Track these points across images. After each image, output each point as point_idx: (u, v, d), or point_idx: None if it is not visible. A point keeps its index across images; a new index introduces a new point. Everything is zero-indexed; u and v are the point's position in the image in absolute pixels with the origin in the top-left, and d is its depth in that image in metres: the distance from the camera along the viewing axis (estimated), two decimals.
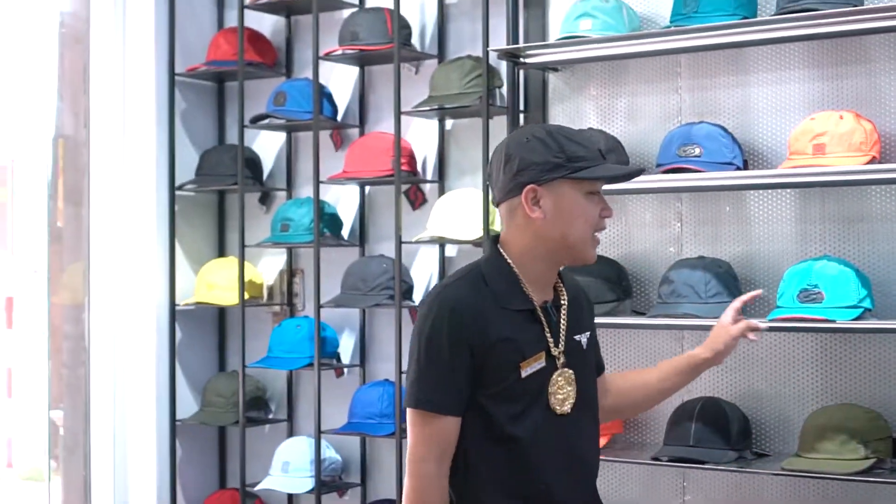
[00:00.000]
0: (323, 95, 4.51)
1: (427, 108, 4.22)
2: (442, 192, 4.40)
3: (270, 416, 4.82)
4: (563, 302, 2.55)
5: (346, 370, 4.64)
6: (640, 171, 2.61)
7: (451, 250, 4.42)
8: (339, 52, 4.40)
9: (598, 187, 2.49)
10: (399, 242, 4.22)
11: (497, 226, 3.99)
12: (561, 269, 2.57)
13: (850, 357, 3.67)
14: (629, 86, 4.07)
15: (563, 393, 2.49)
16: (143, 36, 4.73)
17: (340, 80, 4.69)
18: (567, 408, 2.49)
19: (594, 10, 3.85)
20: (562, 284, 2.58)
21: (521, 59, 3.99)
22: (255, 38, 4.72)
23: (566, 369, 2.49)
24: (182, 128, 4.83)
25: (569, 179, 2.44)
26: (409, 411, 2.45)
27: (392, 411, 4.24)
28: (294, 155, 4.80)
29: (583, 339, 2.58)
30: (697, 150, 3.66)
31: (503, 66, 4.10)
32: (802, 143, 3.50)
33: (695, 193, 3.93)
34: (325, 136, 4.67)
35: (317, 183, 4.39)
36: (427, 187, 4.50)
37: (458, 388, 2.41)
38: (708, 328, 3.04)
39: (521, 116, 4.20)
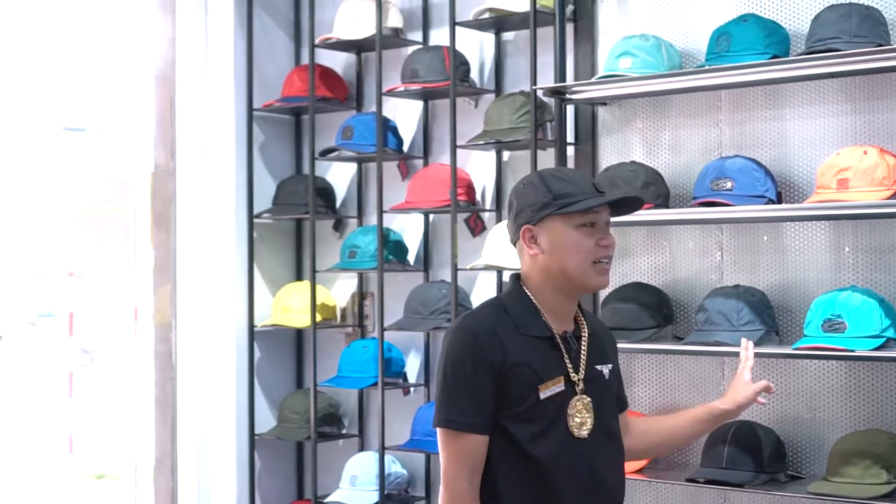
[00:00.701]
0: (388, 129, 4.77)
1: (481, 143, 4.44)
2: (499, 220, 4.61)
3: (344, 432, 5.09)
4: (583, 333, 2.73)
5: (412, 389, 4.89)
6: (620, 199, 2.71)
7: (508, 276, 4.62)
8: (401, 88, 4.65)
9: (589, 220, 2.65)
10: (455, 269, 4.45)
11: None
12: (580, 303, 2.77)
13: (878, 384, 3.78)
14: (672, 119, 4.23)
15: (580, 417, 2.65)
16: (224, 74, 5.05)
17: (406, 114, 4.94)
18: (584, 432, 2.66)
19: (634, 49, 4.02)
20: (583, 318, 2.76)
21: (567, 96, 4.18)
22: (327, 74, 5.00)
23: (584, 396, 2.66)
24: (261, 159, 5.14)
25: (558, 215, 2.63)
26: (438, 431, 2.65)
27: None
28: (364, 185, 5.07)
29: (604, 369, 2.75)
30: (729, 184, 3.81)
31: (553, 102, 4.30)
32: (827, 177, 3.62)
33: (735, 224, 4.08)
34: (392, 166, 4.93)
35: (380, 212, 4.65)
36: (486, 216, 4.72)
37: (483, 407, 2.60)
38: (757, 356, 3.12)
39: (573, 148, 4.40)
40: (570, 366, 2.67)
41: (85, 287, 11.11)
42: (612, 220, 2.75)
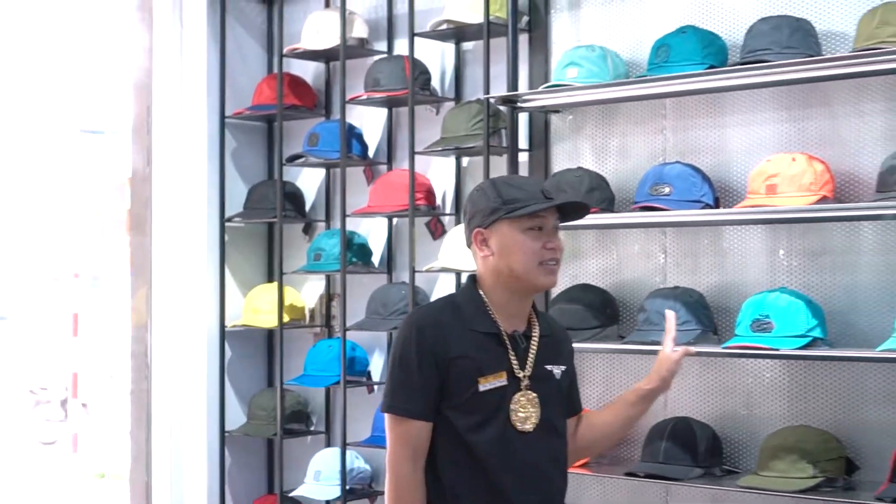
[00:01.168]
0: (352, 136, 4.94)
1: (439, 149, 4.60)
2: (458, 223, 4.77)
3: (312, 429, 5.26)
4: (534, 333, 2.86)
5: (375, 387, 5.04)
6: (565, 203, 2.86)
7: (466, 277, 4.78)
8: (364, 97, 4.82)
9: (537, 224, 2.79)
10: (412, 271, 4.62)
11: None
12: (536, 306, 2.89)
13: (809, 382, 3.92)
14: (620, 126, 4.39)
15: (524, 412, 2.78)
16: (197, 83, 5.23)
17: (372, 121, 5.11)
18: (529, 426, 2.79)
19: (580, 59, 4.18)
20: (536, 319, 2.89)
21: (519, 104, 4.34)
22: (296, 83, 5.17)
23: (529, 392, 2.80)
24: (233, 164, 5.31)
25: (507, 219, 2.78)
26: (385, 416, 2.80)
27: None
28: (332, 190, 5.24)
29: (556, 370, 2.88)
30: (667, 189, 3.96)
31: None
32: (758, 183, 3.77)
33: (678, 228, 4.23)
34: (358, 172, 5.10)
35: (343, 216, 4.82)
36: (446, 219, 4.88)
37: (426, 395, 2.76)
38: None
39: (527, 154, 4.57)
40: (515, 362, 2.80)
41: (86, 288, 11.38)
42: (564, 224, 2.87)
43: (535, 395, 2.80)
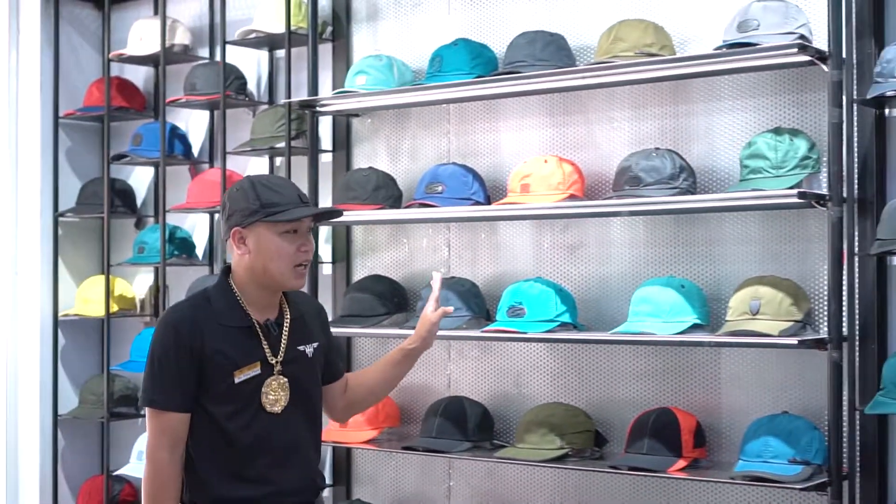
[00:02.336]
0: (175, 136, 5.27)
1: (248, 149, 4.94)
2: None
3: (142, 413, 5.57)
4: (285, 319, 3.03)
5: None
6: (322, 212, 3.19)
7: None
8: (183, 99, 5.15)
9: (292, 227, 2.93)
10: (224, 263, 4.93)
11: None
12: (286, 290, 3.02)
13: (570, 363, 4.33)
14: (411, 130, 4.76)
15: (274, 395, 2.97)
16: (31, 85, 5.54)
17: (196, 123, 5.44)
18: (278, 408, 2.97)
19: (368, 68, 4.54)
20: (286, 304, 3.05)
21: (318, 108, 4.70)
22: (125, 86, 5.49)
23: (281, 376, 2.97)
24: (67, 162, 5.62)
25: (264, 222, 2.93)
26: (146, 410, 2.97)
27: None
28: (161, 186, 5.55)
29: (308, 349, 3.05)
30: (440, 188, 4.34)
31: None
32: (514, 183, 4.16)
33: (460, 223, 4.61)
34: (185, 171, 5.42)
35: (163, 212, 5.15)
36: None
37: (183, 388, 2.91)
38: (454, 338, 4.11)
39: (330, 155, 4.92)
40: (268, 351, 2.96)
41: None
42: (360, 219, 3.18)
43: (285, 379, 2.97)
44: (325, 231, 4.95)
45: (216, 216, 5.35)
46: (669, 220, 4.14)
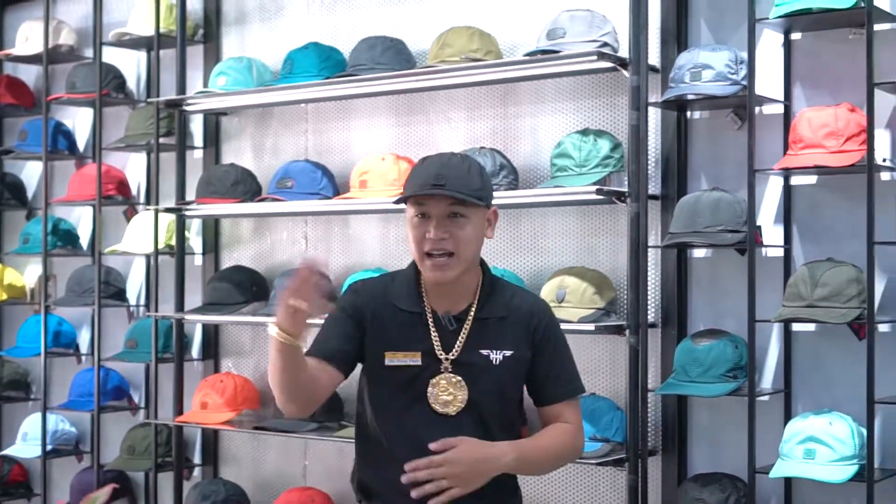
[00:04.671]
0: (60, 132, 5.52)
1: (122, 145, 5.20)
2: None
3: (32, 396, 5.82)
4: (470, 315, 2.69)
5: (83, 358, 5.62)
6: (426, 194, 2.63)
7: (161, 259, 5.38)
8: (64, 97, 5.40)
9: (420, 211, 2.63)
10: (98, 255, 5.21)
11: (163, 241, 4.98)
12: (490, 286, 2.72)
13: None
14: (274, 128, 5.02)
15: (447, 395, 2.64)
16: None
17: (82, 120, 5.69)
18: (451, 410, 2.64)
19: (228, 69, 4.80)
20: (480, 300, 2.70)
21: (184, 107, 4.95)
22: (14, 84, 5.75)
23: (452, 375, 2.64)
24: None
25: (406, 204, 2.67)
26: None
27: (101, 391, 5.21)
28: (44, 180, 5.79)
29: (494, 355, 2.68)
30: (290, 183, 4.60)
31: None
32: (355, 179, 4.43)
33: (316, 217, 4.87)
34: (71, 164, 5.67)
35: (45, 204, 5.41)
36: (140, 208, 5.46)
37: (332, 340, 2.64)
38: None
39: (202, 152, 5.18)
40: (437, 344, 2.66)
41: None
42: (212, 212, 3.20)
43: (458, 378, 2.65)
44: (196, 224, 5.21)
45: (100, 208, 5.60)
46: (501, 214, 4.40)
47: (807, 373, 3.84)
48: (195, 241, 5.20)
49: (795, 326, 3.83)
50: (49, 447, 5.42)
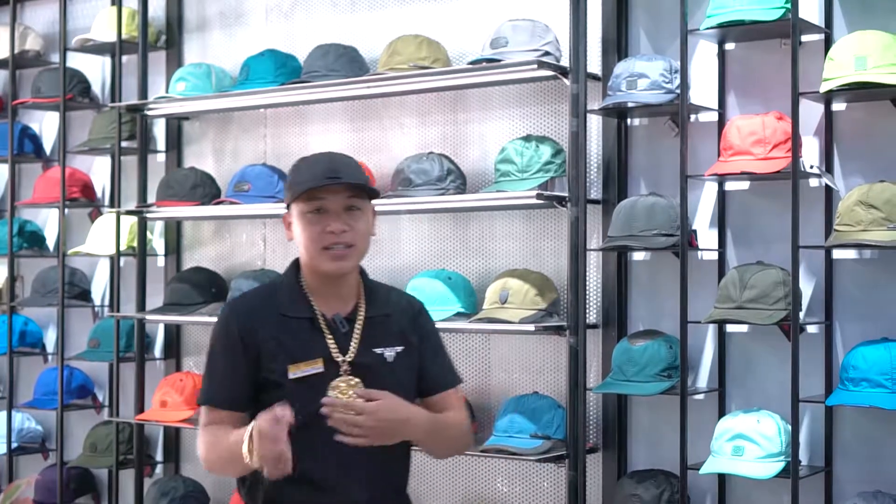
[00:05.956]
0: (26, 136, 5.63)
1: (85, 149, 5.31)
2: None
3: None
4: (359, 315, 2.66)
5: (50, 357, 5.73)
6: (328, 184, 2.59)
7: (123, 261, 5.49)
8: (30, 102, 5.51)
9: (315, 206, 2.58)
10: (63, 256, 5.31)
11: (125, 243, 5.09)
12: (369, 285, 2.70)
13: None
14: (234, 132, 5.14)
15: (346, 397, 2.54)
16: None
17: (50, 124, 5.79)
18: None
19: (188, 75, 4.91)
20: (365, 300, 2.68)
21: (146, 111, 5.06)
22: None
23: (351, 377, 2.59)
24: None
25: (296, 202, 2.61)
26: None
27: (65, 389, 5.31)
28: (17, 183, 5.89)
29: (388, 352, 2.66)
30: (247, 187, 4.71)
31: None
32: None
33: (276, 220, 4.98)
34: (38, 168, 5.77)
35: (12, 206, 5.52)
36: (105, 210, 5.57)
37: (232, 384, 2.60)
38: None
39: (164, 155, 5.29)
40: (334, 348, 2.61)
41: None
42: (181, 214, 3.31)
43: (357, 379, 2.59)
44: (159, 226, 5.32)
45: (67, 211, 5.70)
46: (448, 217, 4.54)
47: (739, 372, 3.97)
48: (158, 242, 5.31)
49: (729, 327, 3.96)
50: (15, 445, 5.53)
